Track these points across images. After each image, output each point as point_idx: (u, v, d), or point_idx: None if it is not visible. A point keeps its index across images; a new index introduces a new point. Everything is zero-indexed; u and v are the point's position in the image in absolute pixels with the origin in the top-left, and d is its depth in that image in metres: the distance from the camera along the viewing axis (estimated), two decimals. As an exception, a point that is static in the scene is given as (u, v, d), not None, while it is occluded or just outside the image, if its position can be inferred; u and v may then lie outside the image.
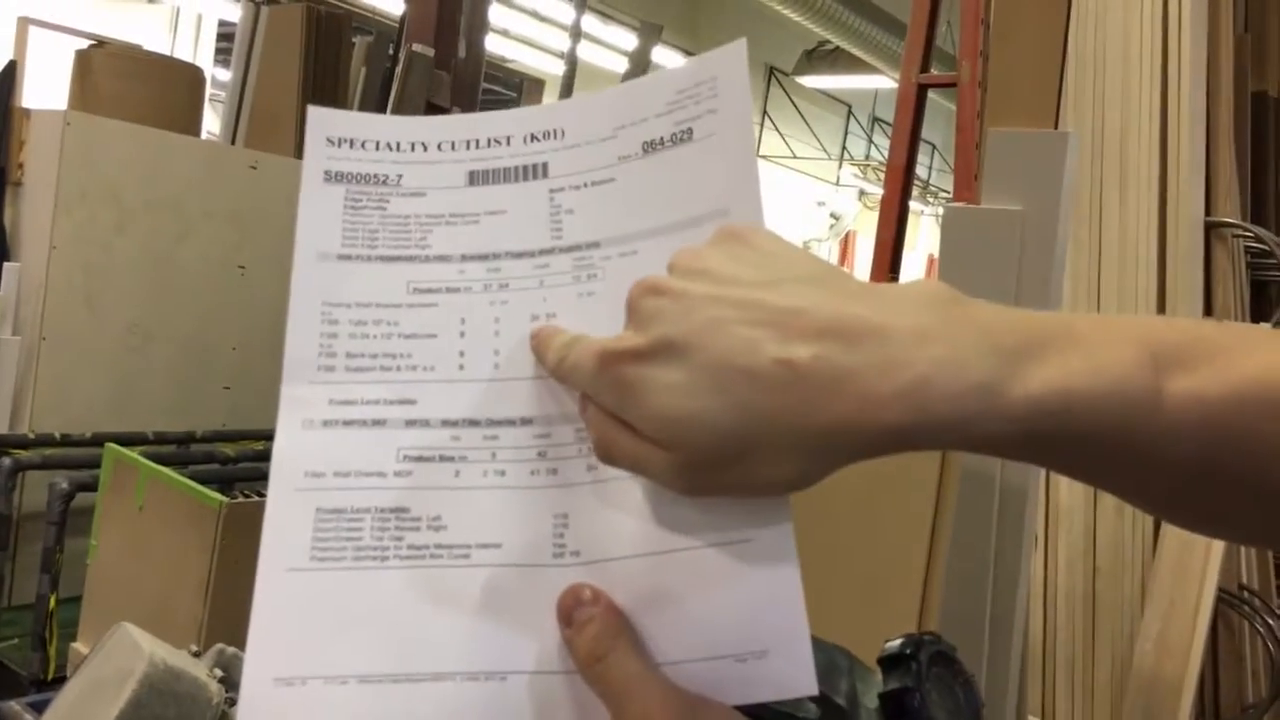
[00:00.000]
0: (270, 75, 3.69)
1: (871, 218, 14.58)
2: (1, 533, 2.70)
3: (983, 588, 1.44)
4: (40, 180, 3.04)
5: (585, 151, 0.46)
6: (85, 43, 3.30)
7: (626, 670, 0.37)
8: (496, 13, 7.71)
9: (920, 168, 10.08)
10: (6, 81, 3.16)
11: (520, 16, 8.67)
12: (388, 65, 3.92)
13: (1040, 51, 1.83)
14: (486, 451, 0.42)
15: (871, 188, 14.34)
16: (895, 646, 0.42)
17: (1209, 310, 2.15)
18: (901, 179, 3.13)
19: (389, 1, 7.19)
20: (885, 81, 11.21)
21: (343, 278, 0.45)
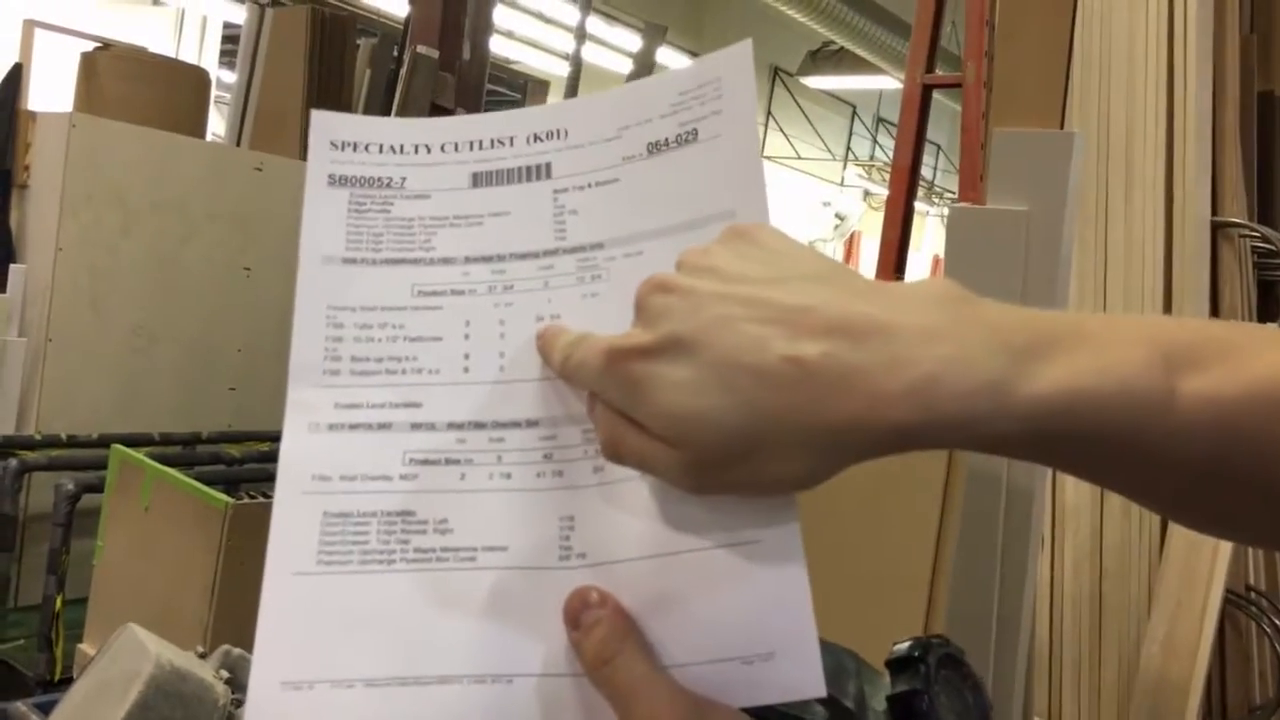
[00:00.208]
0: (275, 77, 3.70)
1: (876, 218, 14.57)
2: (8, 534, 2.70)
3: (989, 589, 1.43)
4: (46, 182, 3.04)
5: (589, 152, 0.46)
6: (90, 45, 3.31)
7: (634, 672, 0.37)
8: (501, 14, 7.71)
9: (925, 168, 10.07)
10: (12, 84, 3.17)
11: (525, 18, 8.67)
12: (392, 67, 3.93)
13: (1045, 52, 1.83)
14: (492, 454, 0.42)
15: (876, 188, 14.33)
16: (904, 649, 0.42)
17: (1215, 310, 2.15)
18: (906, 180, 3.12)
19: (393, 3, 7.19)
20: (890, 82, 11.19)
21: (348, 281, 0.45)
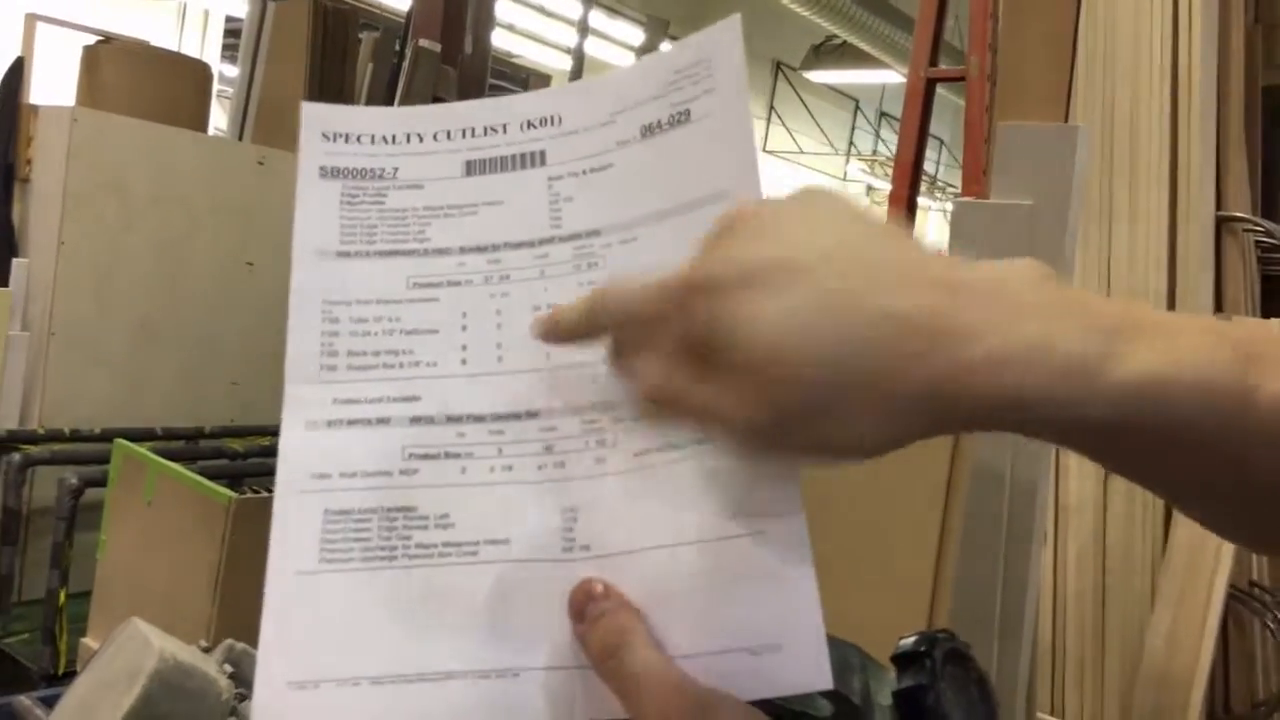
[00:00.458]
0: (277, 71, 3.70)
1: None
2: (11, 528, 2.71)
3: (993, 585, 1.43)
4: (48, 176, 3.04)
5: (583, 138, 0.46)
6: (93, 39, 3.31)
7: (641, 664, 0.37)
8: (503, 8, 7.70)
9: (928, 163, 10.05)
10: (14, 78, 3.17)
11: (526, 11, 8.65)
12: (394, 61, 3.92)
13: (1049, 44, 1.82)
14: (492, 447, 0.41)
15: (879, 183, 14.30)
16: (909, 644, 0.42)
17: (1219, 305, 2.14)
18: (909, 174, 3.12)
19: (396, -3, 7.18)
20: (893, 76, 11.17)
21: (342, 275, 0.44)
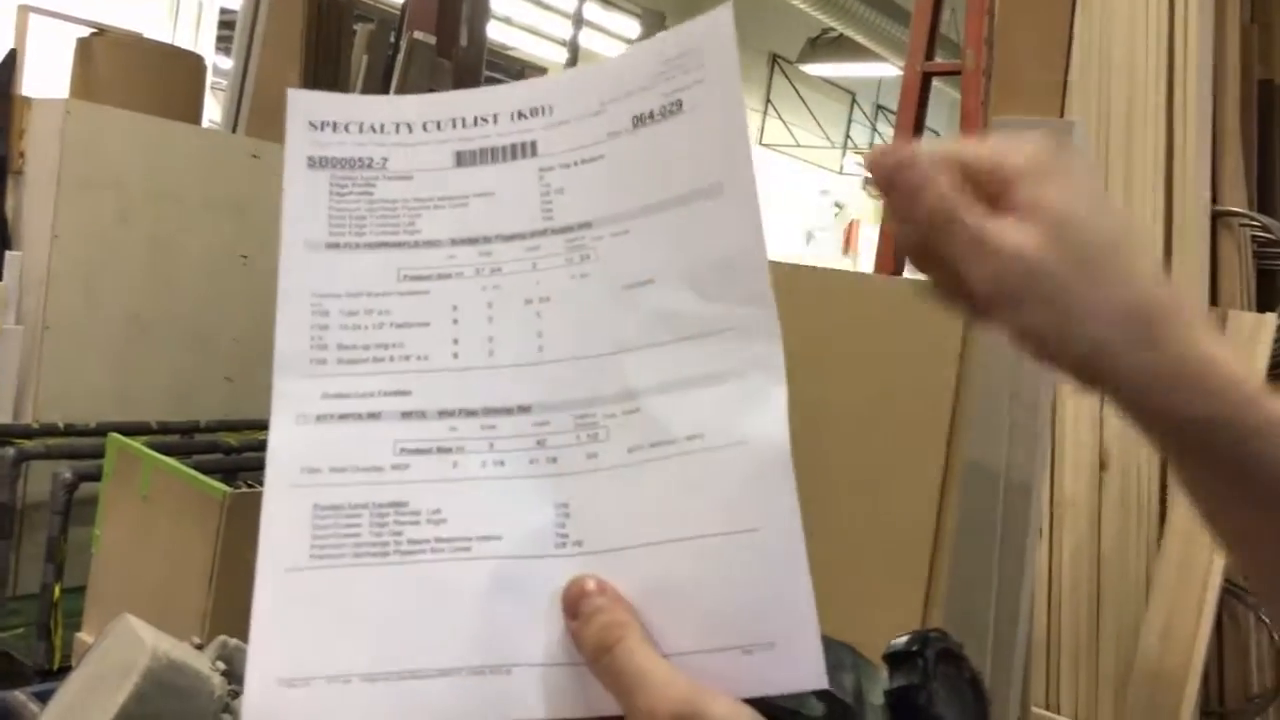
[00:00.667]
0: (271, 63, 3.68)
1: (875, 206, 14.57)
2: (5, 522, 2.70)
3: (987, 580, 1.43)
4: (41, 169, 3.03)
5: (574, 128, 0.45)
6: (86, 30, 3.29)
7: (635, 660, 0.37)
8: (498, 0, 7.68)
9: (924, 156, 9.99)
10: (7, 70, 3.15)
11: (522, 4, 8.63)
12: (389, 53, 3.91)
13: (1045, 39, 1.82)
14: (484, 441, 0.41)
15: (875, 176, 14.27)
16: (902, 643, 0.42)
17: (1214, 300, 2.14)
18: (905, 168, 3.10)
19: (391, -11, 7.16)
20: (889, 69, 11.16)
21: (331, 267, 0.43)
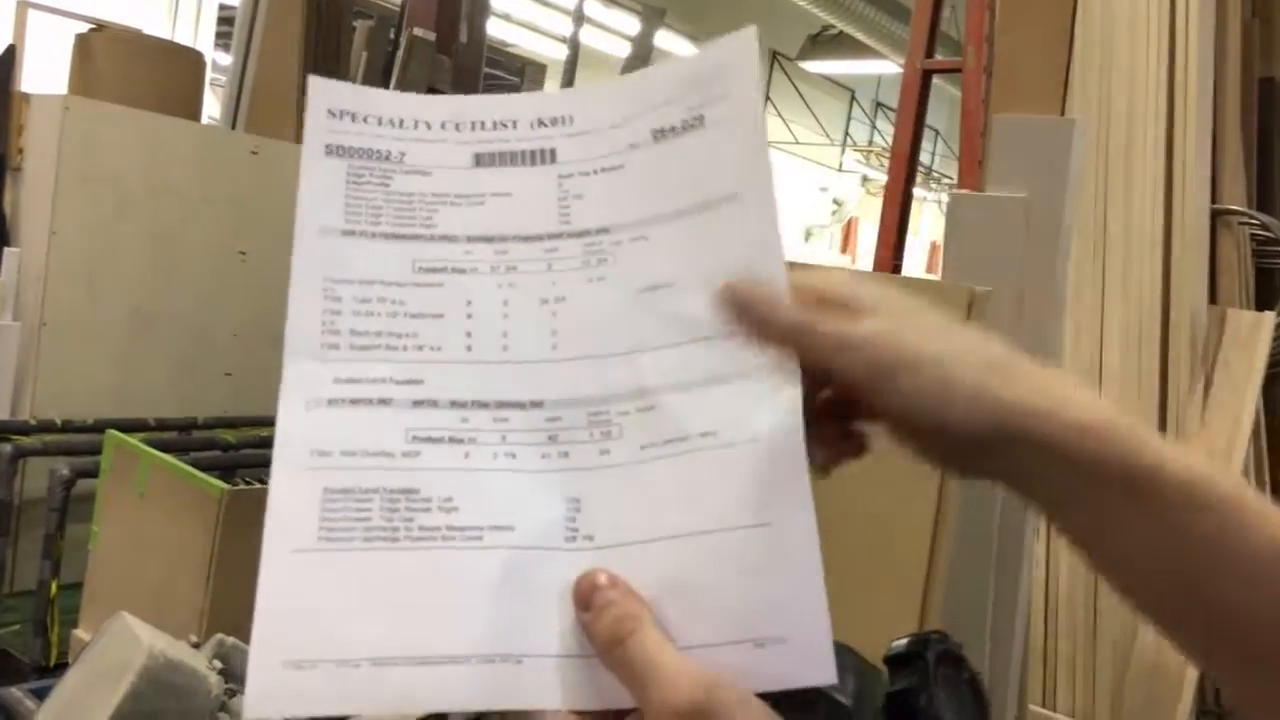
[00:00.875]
0: (271, 59, 3.68)
1: (874, 203, 14.54)
2: (3, 519, 2.70)
3: (985, 579, 1.43)
4: (40, 165, 3.02)
5: (594, 139, 0.45)
6: (85, 26, 3.28)
7: (648, 652, 0.37)
8: (498, -3, 7.68)
9: (923, 153, 10.03)
10: (6, 65, 3.15)
11: (522, 0, 8.62)
12: (389, 49, 3.90)
13: (1046, 37, 1.81)
14: (496, 434, 0.41)
15: (874, 173, 14.29)
16: (902, 646, 0.42)
17: (1214, 299, 2.14)
18: (905, 166, 3.11)
19: (390, -15, 7.14)
20: (889, 66, 11.15)
21: (345, 254, 0.44)
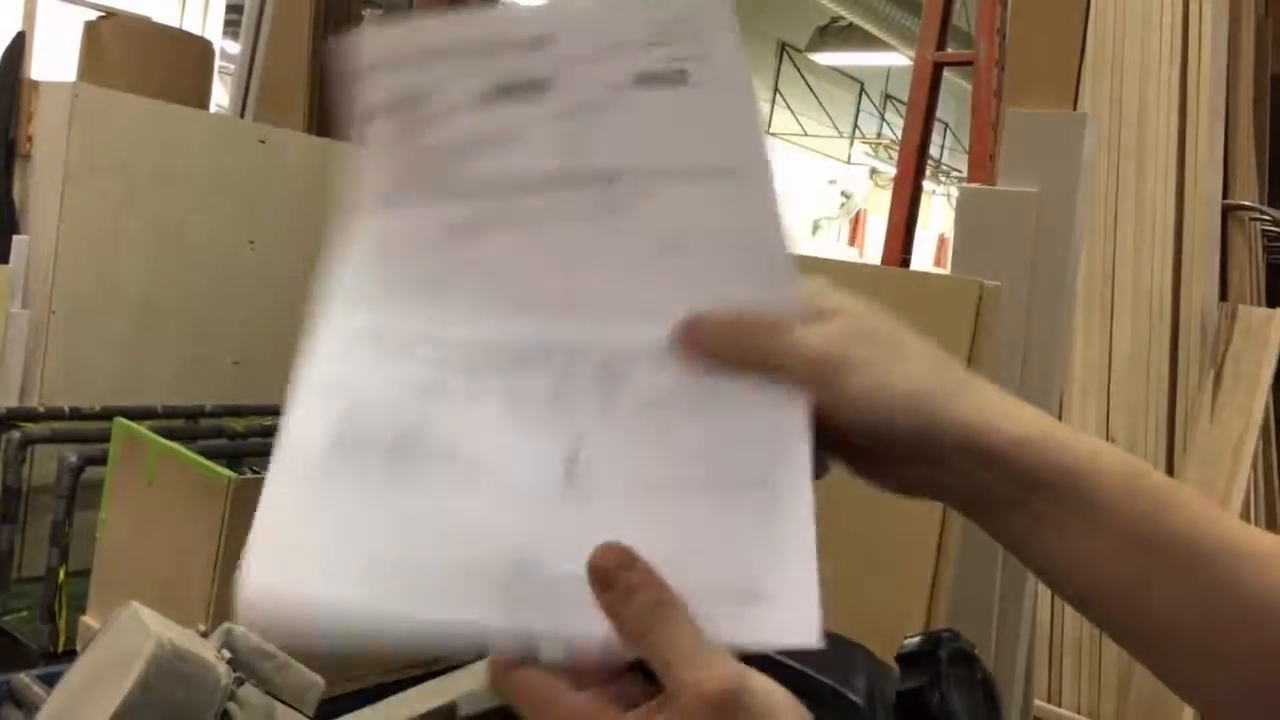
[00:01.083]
0: (280, 48, 3.68)
1: (882, 196, 14.50)
2: (10, 506, 2.70)
3: (991, 573, 1.43)
4: (49, 153, 3.03)
5: (580, 70, 0.43)
6: (94, 14, 3.29)
7: (679, 639, 0.36)
8: (507, -14, 7.66)
9: (933, 147, 10.00)
10: (15, 53, 3.15)
11: (531, -10, 8.61)
12: (398, 39, 3.90)
13: (1059, 30, 1.80)
14: (503, 383, 0.42)
15: (883, 166, 14.26)
16: (914, 644, 0.41)
17: (1224, 295, 2.13)
18: (915, 159, 3.10)
19: (399, -26, 7.13)
20: (899, 59, 11.11)
21: (378, 213, 0.45)
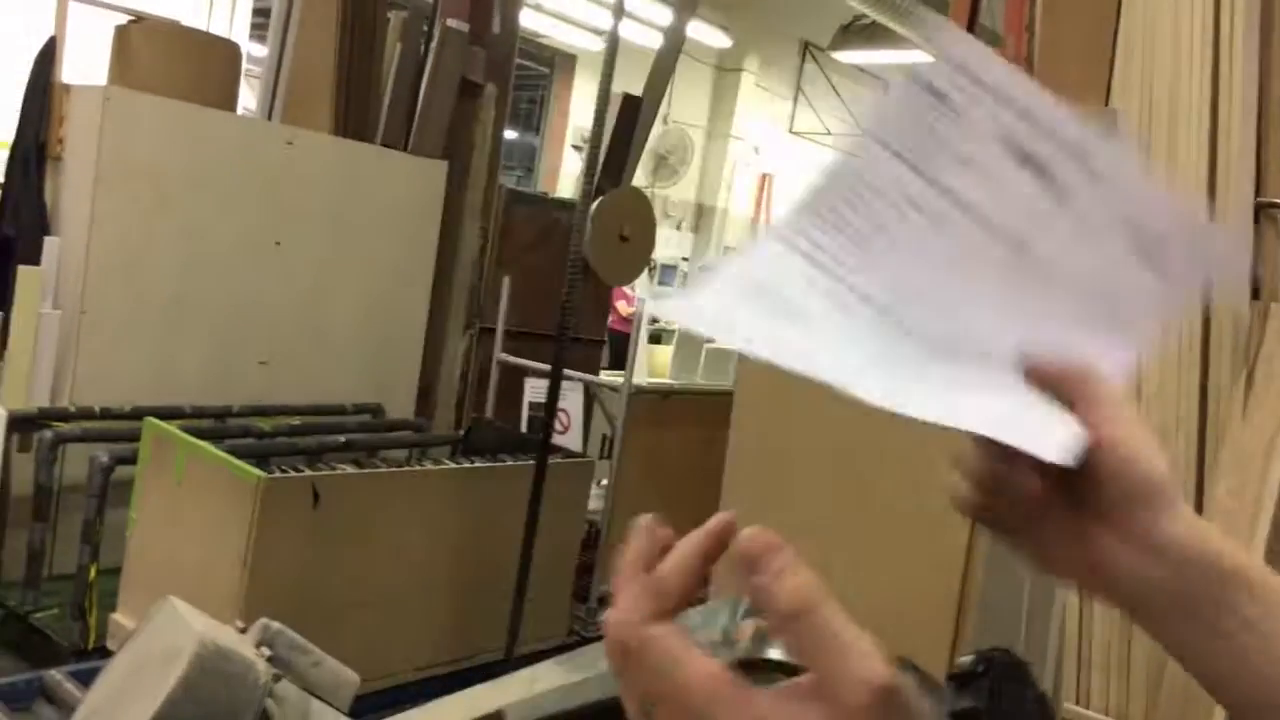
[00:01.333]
0: (306, 51, 3.70)
1: (905, 195, 14.45)
2: (42, 504, 2.74)
3: (1019, 585, 1.42)
4: (80, 155, 3.06)
5: (1077, 179, 0.49)
6: (124, 18, 3.32)
7: (836, 624, 0.36)
8: (530, -13, 7.68)
9: (956, 145, 9.86)
10: (47, 57, 3.18)
11: (553, -9, 8.62)
12: (422, 41, 3.91)
13: (1090, 25, 1.79)
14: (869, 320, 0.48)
15: (906, 165, 14.14)
16: (967, 663, 0.40)
17: (1256, 294, 2.11)
18: (941, 157, 3.07)
19: (422, -24, 7.15)
20: (922, 57, 11.03)
21: (878, 162, 0.49)
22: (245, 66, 3.99)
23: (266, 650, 0.84)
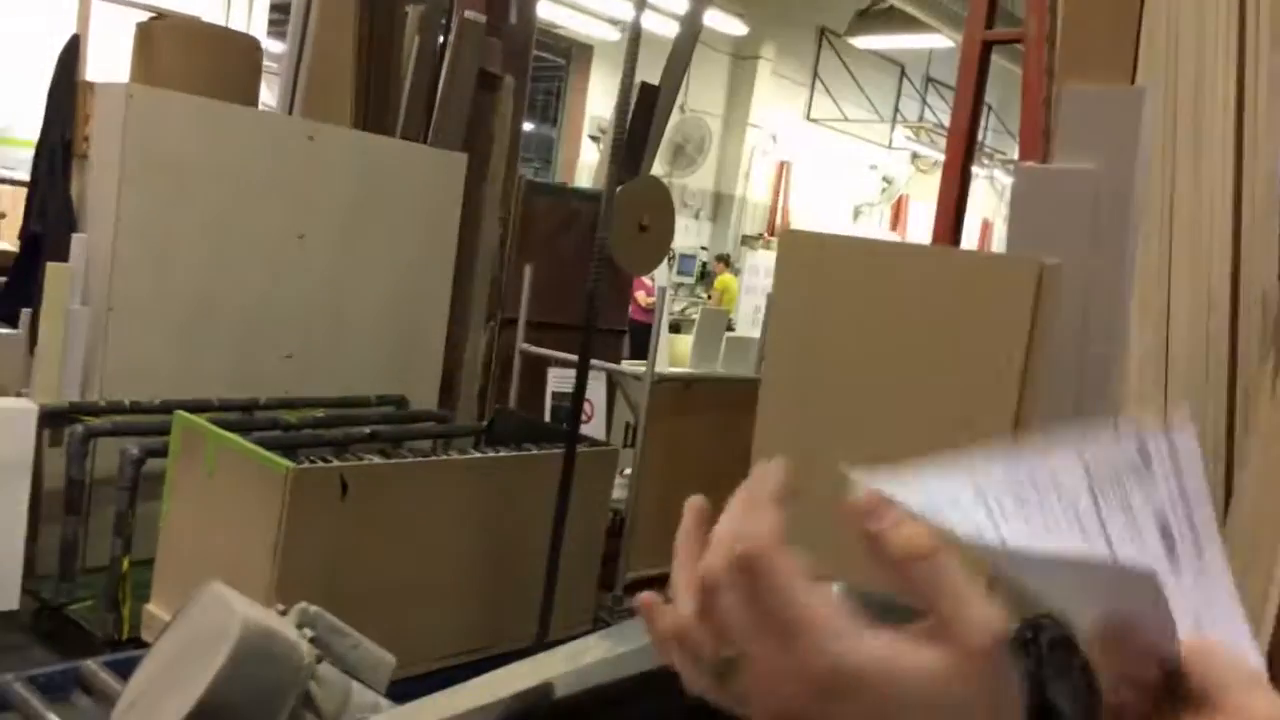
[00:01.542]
0: (325, 46, 3.71)
1: (924, 181, 14.33)
2: (74, 498, 2.77)
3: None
4: (105, 152, 3.08)
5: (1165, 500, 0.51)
6: (145, 15, 3.34)
7: (958, 575, 0.36)
8: (545, -22, 7.67)
9: (975, 129, 9.85)
10: (71, 55, 3.21)
11: (568, -19, 8.61)
12: (440, 33, 3.92)
13: (1116, 4, 1.77)
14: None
15: (925, 150, 14.11)
16: (1013, 629, 0.41)
17: (1285, 271, 2.09)
18: (964, 141, 3.07)
19: (438, -31, 7.14)
20: (940, 40, 10.98)
21: (1071, 475, 0.50)
22: (264, 62, 4.01)
23: (309, 632, 0.86)
